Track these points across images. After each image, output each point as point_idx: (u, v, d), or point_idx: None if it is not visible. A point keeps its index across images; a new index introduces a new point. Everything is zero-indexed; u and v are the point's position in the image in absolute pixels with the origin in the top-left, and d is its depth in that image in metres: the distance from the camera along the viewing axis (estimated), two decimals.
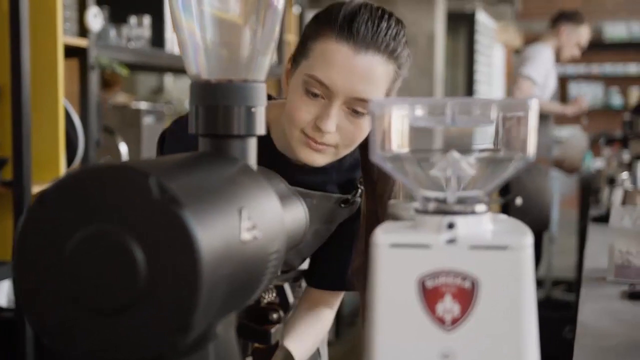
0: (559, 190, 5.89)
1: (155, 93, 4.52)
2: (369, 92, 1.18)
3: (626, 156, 4.05)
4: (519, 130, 0.68)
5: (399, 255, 0.67)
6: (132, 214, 0.59)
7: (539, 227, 4.38)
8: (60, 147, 2.43)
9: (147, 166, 0.62)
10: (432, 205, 0.69)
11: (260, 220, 0.71)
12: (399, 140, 0.70)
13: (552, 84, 4.32)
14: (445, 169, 0.70)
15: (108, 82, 3.76)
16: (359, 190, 1.36)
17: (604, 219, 2.90)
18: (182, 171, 0.66)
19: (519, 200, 2.96)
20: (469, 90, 7.20)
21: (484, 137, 0.71)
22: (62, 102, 2.43)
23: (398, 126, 0.70)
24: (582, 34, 4.33)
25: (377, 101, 0.70)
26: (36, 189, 2.34)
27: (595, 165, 7.83)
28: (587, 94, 9.86)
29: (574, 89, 9.89)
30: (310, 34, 1.22)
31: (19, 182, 2.27)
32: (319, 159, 1.23)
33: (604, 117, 9.79)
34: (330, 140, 1.21)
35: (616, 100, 9.79)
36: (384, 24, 1.19)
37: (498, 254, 0.66)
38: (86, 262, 0.59)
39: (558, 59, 4.40)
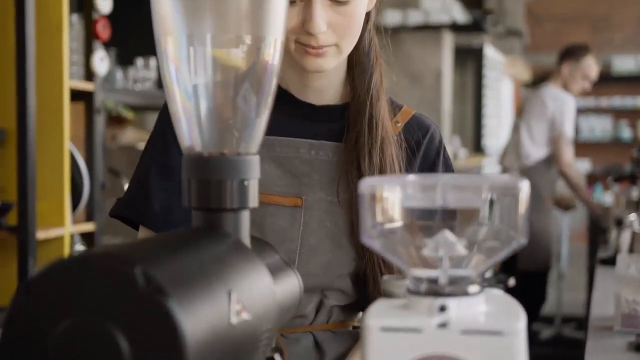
0: (568, 225, 5.86)
1: None
2: None
3: (635, 193, 4.03)
4: (510, 211, 0.68)
5: (390, 339, 0.66)
6: (118, 304, 0.59)
7: (542, 267, 4.35)
8: (66, 192, 2.44)
9: (133, 253, 0.62)
10: (423, 286, 0.68)
11: (250, 300, 0.70)
12: (389, 220, 0.70)
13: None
14: (437, 249, 0.69)
15: (118, 119, 3.78)
16: None
17: (612, 261, 2.87)
18: (170, 255, 0.66)
19: (511, 281, 2.96)
20: (477, 124, 7.20)
21: (477, 217, 0.71)
22: (68, 146, 2.44)
23: (388, 206, 0.69)
24: (586, 67, 4.31)
25: (368, 182, 0.69)
26: (41, 234, 2.35)
27: (605, 200, 7.80)
28: (596, 127, 9.86)
29: (583, 122, 9.88)
30: None
31: (23, 227, 2.28)
32: (325, 63, 1.15)
33: (613, 150, 9.78)
34: (326, 41, 1.13)
35: (625, 133, 9.77)
36: None
37: (491, 339, 0.65)
38: (71, 352, 0.59)
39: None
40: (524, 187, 0.67)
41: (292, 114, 1.22)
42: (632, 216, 3.11)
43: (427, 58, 5.25)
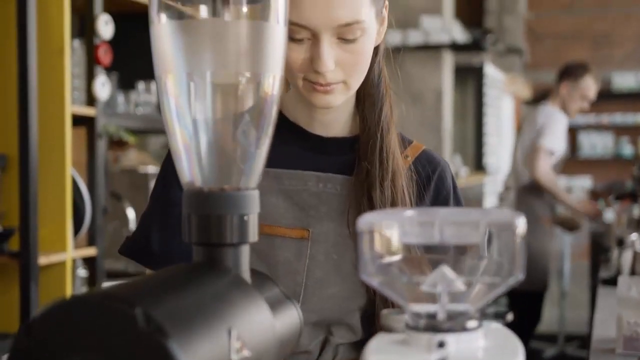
0: (570, 242, 5.86)
1: (166, 147, 4.55)
2: (351, 14, 1.09)
3: (636, 211, 4.03)
4: (508, 247, 0.68)
5: None
6: (119, 344, 0.59)
7: (539, 287, 4.34)
8: (67, 217, 2.45)
9: (133, 293, 0.62)
10: (422, 322, 0.69)
11: (250, 337, 0.70)
12: (388, 256, 0.70)
13: (563, 147, 4.34)
14: (435, 285, 0.70)
15: (120, 141, 3.80)
16: None
17: (613, 281, 2.87)
18: (170, 294, 0.66)
19: (510, 317, 2.97)
20: (478, 143, 7.21)
21: (475, 253, 0.71)
22: (70, 171, 2.45)
23: (387, 242, 0.70)
24: (585, 87, 4.31)
25: (366, 218, 0.70)
26: (43, 259, 2.35)
27: (606, 217, 7.79)
28: (597, 144, 9.88)
29: (584, 138, 9.90)
30: None
31: (25, 253, 2.28)
32: (333, 100, 1.15)
33: (614, 167, 9.79)
34: (334, 78, 1.13)
35: (626, 150, 9.78)
36: None
37: None
38: None
39: (567, 114, 4.41)
40: (521, 223, 0.67)
41: (300, 147, 1.23)
42: (634, 236, 3.10)
43: (428, 77, 5.27)
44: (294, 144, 1.22)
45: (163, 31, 0.78)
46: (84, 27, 2.70)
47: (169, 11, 0.78)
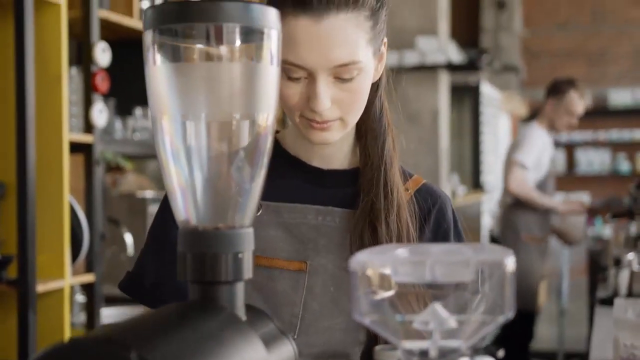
0: (568, 259, 5.86)
1: None
2: (347, 55, 1.10)
3: (633, 229, 4.04)
4: (498, 285, 0.69)
5: None
6: None
7: (526, 307, 4.32)
8: (65, 245, 2.45)
9: (128, 335, 0.63)
10: (415, 359, 0.70)
11: None
12: (380, 295, 0.71)
13: (546, 163, 4.31)
14: (427, 323, 0.71)
15: (119, 166, 3.81)
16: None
17: (610, 301, 2.87)
18: (165, 335, 0.67)
19: (501, 353, 2.99)
20: (475, 161, 7.23)
21: (466, 291, 0.72)
22: (67, 198, 2.46)
23: (379, 281, 0.71)
24: (569, 102, 4.29)
25: (359, 258, 0.71)
26: (41, 287, 2.35)
27: (604, 233, 7.79)
28: (594, 161, 9.90)
29: (581, 155, 9.92)
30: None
31: (23, 280, 2.29)
32: (330, 136, 1.16)
33: (611, 184, 9.81)
34: (331, 116, 1.13)
35: (624, 166, 9.81)
36: None
37: None
38: None
39: (555, 130, 4.40)
40: (510, 262, 0.69)
41: (301, 179, 1.24)
42: (630, 255, 3.11)
43: (424, 97, 5.30)
44: (294, 177, 1.23)
45: (158, 73, 0.80)
46: (81, 55, 2.72)
47: (164, 53, 0.79)
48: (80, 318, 2.79)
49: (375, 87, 1.21)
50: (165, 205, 1.24)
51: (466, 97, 7.00)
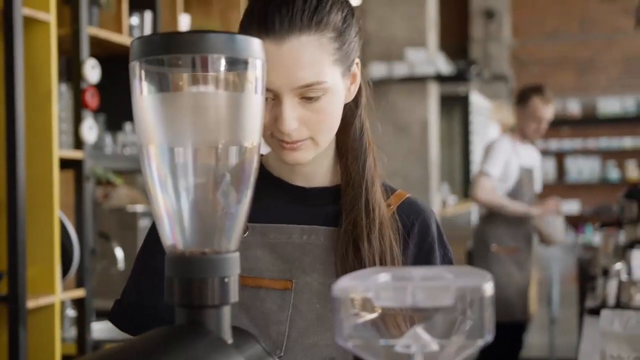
0: (559, 268, 5.89)
1: None
2: (311, 75, 1.11)
3: (622, 238, 4.06)
4: (477, 310, 0.71)
5: None
6: None
7: (513, 318, 4.30)
8: (56, 260, 2.46)
9: None
10: None
11: None
12: (362, 319, 0.73)
13: (514, 171, 4.26)
14: (409, 346, 0.72)
15: (109, 180, 3.82)
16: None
17: (599, 311, 2.89)
18: None
19: None
20: (465, 170, 7.27)
21: (446, 315, 0.74)
22: (58, 214, 2.47)
23: (361, 306, 0.73)
24: (533, 108, 4.22)
25: (341, 284, 0.73)
26: (31, 303, 2.36)
27: (594, 240, 7.82)
28: (584, 169, 9.95)
29: (571, 163, 9.98)
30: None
31: (14, 296, 2.29)
32: (301, 156, 1.17)
33: (601, 191, 9.86)
34: (299, 136, 1.14)
35: (613, 174, 9.86)
36: (298, 2, 1.12)
37: None
38: None
39: (527, 138, 4.35)
40: (488, 287, 0.70)
41: (284, 199, 1.25)
42: (618, 265, 3.13)
43: (413, 108, 5.33)
44: (278, 197, 1.25)
45: (145, 103, 0.81)
46: (70, 71, 2.74)
47: (151, 83, 0.81)
48: (71, 333, 2.79)
49: (354, 106, 1.23)
50: (152, 233, 1.25)
51: (456, 107, 7.04)
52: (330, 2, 1.15)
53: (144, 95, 0.81)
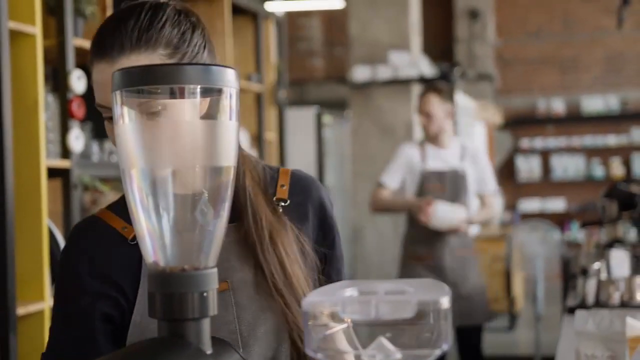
0: (543, 265, 5.95)
1: None
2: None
3: (603, 236, 4.13)
4: (435, 320, 0.77)
5: None
6: None
7: (463, 323, 4.18)
8: (44, 267, 2.51)
9: None
10: None
11: None
12: (330, 331, 0.79)
13: (416, 178, 4.11)
14: (374, 355, 0.78)
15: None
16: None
17: (578, 309, 2.95)
18: None
19: None
20: None
21: (408, 326, 0.80)
22: (46, 222, 2.52)
23: (328, 319, 0.78)
24: (422, 103, 4.08)
25: (309, 300, 0.78)
26: (21, 311, 2.41)
27: (579, 237, 7.89)
28: (569, 166, 10.05)
29: (556, 161, 10.07)
30: (89, 68, 1.21)
31: (3, 304, 2.34)
32: None
33: (586, 189, 9.96)
34: None
35: (598, 171, 9.96)
36: (130, 22, 1.16)
37: None
38: None
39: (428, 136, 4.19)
40: (445, 301, 0.76)
41: None
42: (597, 264, 3.18)
43: (398, 110, 5.39)
44: None
45: (126, 130, 0.87)
46: (57, 81, 2.78)
47: (131, 112, 0.87)
48: None
49: None
50: (71, 269, 1.24)
51: None
52: (164, 19, 1.17)
53: (125, 122, 0.87)
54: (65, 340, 1.22)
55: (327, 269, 1.33)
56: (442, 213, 3.91)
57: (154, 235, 0.89)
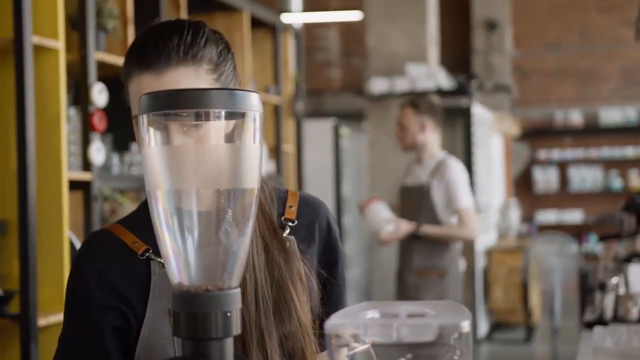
0: (560, 278, 5.94)
1: None
2: None
3: (622, 250, 4.10)
4: (457, 345, 0.78)
5: None
6: None
7: None
8: (66, 279, 2.53)
9: None
10: None
11: None
12: (352, 352, 0.80)
13: (395, 194, 4.21)
14: None
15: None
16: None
17: (596, 324, 2.94)
18: None
19: None
20: (469, 182, 7.30)
21: (429, 348, 0.81)
22: (67, 234, 2.54)
23: (351, 342, 0.80)
24: (399, 115, 4.19)
25: (332, 322, 0.80)
26: (42, 322, 2.43)
27: (597, 250, 7.85)
28: (587, 178, 10.01)
29: (574, 173, 10.03)
30: (124, 79, 1.22)
31: (25, 315, 2.37)
32: None
33: (604, 200, 9.91)
34: None
35: (616, 183, 9.91)
36: (175, 37, 1.19)
37: None
38: None
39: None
40: (466, 324, 0.77)
41: None
42: (615, 279, 3.17)
43: None
44: None
45: (152, 153, 0.89)
46: (79, 94, 2.82)
47: (157, 135, 0.89)
48: None
49: None
50: (81, 282, 1.25)
51: (458, 119, 7.09)
52: (205, 37, 1.21)
53: (151, 145, 0.89)
54: (74, 350, 1.23)
55: (329, 291, 1.33)
56: (371, 214, 3.93)
57: (178, 255, 0.91)
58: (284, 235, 1.28)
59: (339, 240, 1.36)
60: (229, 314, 0.90)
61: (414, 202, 4.06)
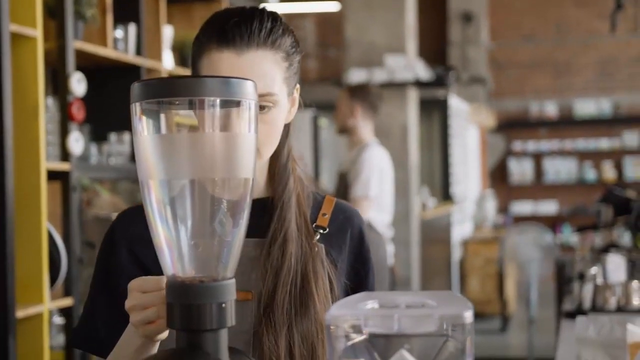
0: (536, 270, 5.97)
1: (137, 191, 4.60)
2: (264, 86, 1.18)
3: (598, 240, 4.14)
4: (458, 336, 0.77)
5: None
6: None
7: None
8: (44, 270, 2.50)
9: None
10: None
11: None
12: (351, 343, 0.79)
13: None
14: None
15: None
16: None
17: (575, 314, 2.96)
18: None
19: None
20: (445, 173, 7.35)
21: (429, 339, 0.80)
22: (45, 225, 2.51)
23: (351, 333, 0.79)
24: None
25: (332, 313, 0.79)
26: (20, 313, 2.40)
27: (572, 241, 7.91)
28: (561, 169, 10.08)
29: (548, 164, 10.10)
30: (195, 55, 1.24)
31: (3, 307, 2.33)
32: None
33: (578, 192, 9.99)
34: None
35: (590, 174, 9.99)
36: (256, 22, 1.21)
37: None
38: None
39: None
40: (468, 315, 0.77)
41: None
42: (593, 269, 3.19)
43: (393, 113, 5.39)
44: None
45: (145, 141, 0.87)
46: (57, 85, 2.78)
47: (150, 124, 0.87)
48: (59, 340, 2.83)
49: (284, 134, 1.28)
50: (109, 249, 1.28)
51: (435, 111, 7.11)
52: (283, 27, 1.24)
53: (144, 134, 0.87)
54: (98, 318, 1.25)
55: None
56: None
57: (172, 246, 0.89)
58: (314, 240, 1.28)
59: (370, 252, 1.36)
60: (223, 305, 0.88)
61: (339, 189, 4.14)
